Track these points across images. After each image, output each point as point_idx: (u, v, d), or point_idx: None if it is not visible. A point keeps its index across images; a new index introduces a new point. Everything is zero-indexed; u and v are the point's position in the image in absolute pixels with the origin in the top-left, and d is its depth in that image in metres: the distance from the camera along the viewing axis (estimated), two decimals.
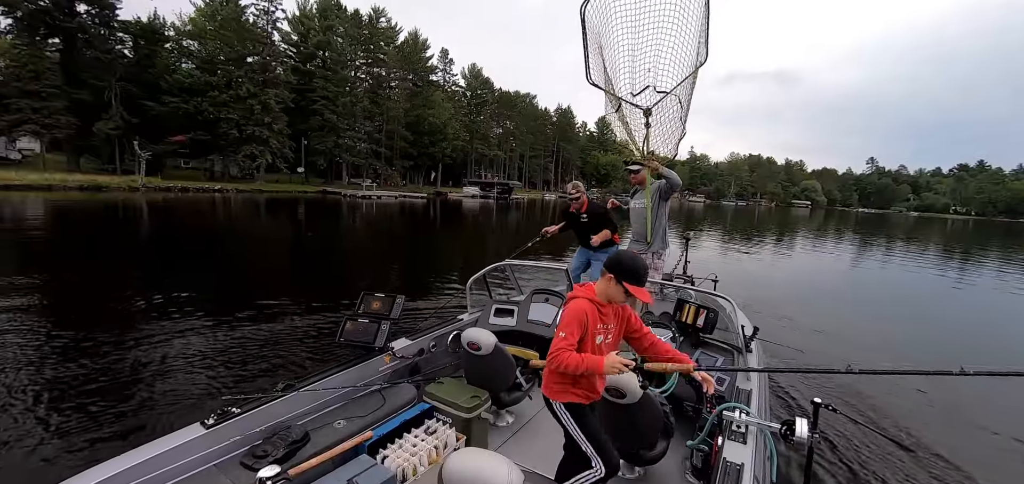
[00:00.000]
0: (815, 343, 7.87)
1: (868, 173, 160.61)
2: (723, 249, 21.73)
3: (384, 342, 3.32)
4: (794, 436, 2.26)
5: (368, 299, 3.42)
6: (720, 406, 2.71)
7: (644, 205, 5.02)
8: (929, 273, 18.40)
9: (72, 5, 37.65)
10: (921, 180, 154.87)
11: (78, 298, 8.10)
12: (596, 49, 4.49)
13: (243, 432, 2.59)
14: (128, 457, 2.16)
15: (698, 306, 3.78)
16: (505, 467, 1.47)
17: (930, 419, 5.39)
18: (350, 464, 2.62)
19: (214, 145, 45.07)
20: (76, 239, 14.71)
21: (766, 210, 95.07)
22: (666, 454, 2.87)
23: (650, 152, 4.64)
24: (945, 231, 51.60)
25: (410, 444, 3.05)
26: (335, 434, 2.78)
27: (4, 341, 5.82)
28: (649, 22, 4.22)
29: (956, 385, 6.26)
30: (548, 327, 4.10)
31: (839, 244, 28.48)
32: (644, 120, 4.59)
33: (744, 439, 2.46)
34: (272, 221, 23.73)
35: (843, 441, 4.58)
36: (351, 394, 3.15)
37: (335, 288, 9.26)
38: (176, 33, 47.05)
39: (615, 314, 2.42)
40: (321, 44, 53.92)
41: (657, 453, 2.81)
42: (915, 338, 9.03)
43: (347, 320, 3.28)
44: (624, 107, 4.67)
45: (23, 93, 34.72)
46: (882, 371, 2.57)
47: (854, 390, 5.97)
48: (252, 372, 5.36)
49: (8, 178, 30.29)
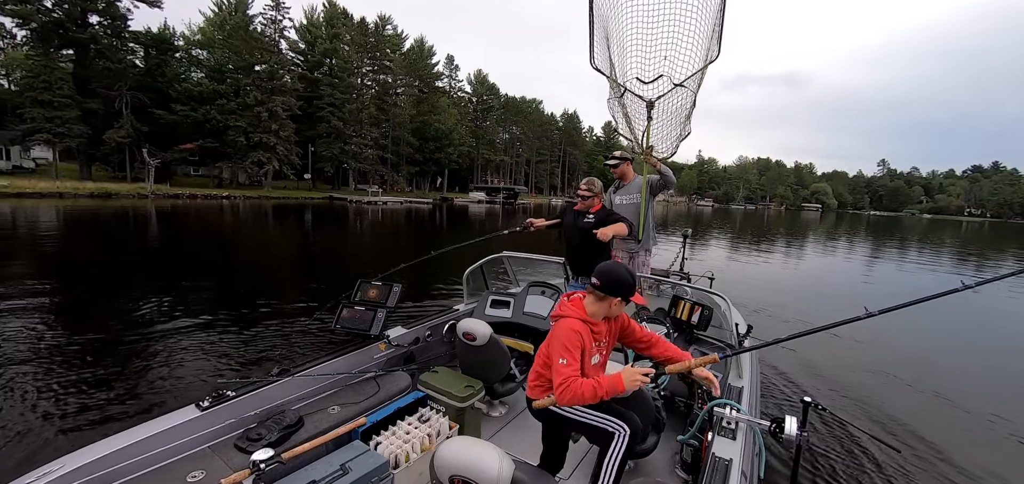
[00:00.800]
0: (807, 342, 7.88)
1: (879, 175, 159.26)
2: (729, 252, 21.60)
3: (380, 330, 3.35)
4: (783, 434, 2.24)
5: (365, 287, 3.45)
6: (711, 402, 2.72)
7: (630, 201, 4.75)
8: (942, 274, 18.19)
9: (85, 17, 38.33)
10: (934, 182, 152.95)
11: (84, 295, 8.23)
12: (602, 33, 4.28)
13: (238, 415, 2.62)
14: (124, 436, 2.20)
15: (693, 303, 3.78)
16: (496, 456, 1.48)
17: (920, 419, 5.39)
18: (343, 449, 2.64)
19: (222, 153, 45.52)
20: (85, 244, 14.92)
21: (775, 213, 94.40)
22: (656, 448, 2.88)
23: (649, 146, 4.41)
24: (960, 233, 50.96)
25: (403, 431, 3.07)
26: (329, 419, 2.80)
27: (14, 332, 5.96)
28: (662, 8, 3.92)
29: (953, 387, 6.29)
30: (544, 320, 4.11)
31: (850, 249, 28.19)
32: (647, 112, 4.38)
33: (734, 435, 2.47)
34: (279, 226, 23.91)
35: (833, 439, 4.61)
36: (346, 380, 3.18)
37: (337, 286, 9.31)
38: (185, 43, 47.77)
39: (608, 330, 2.37)
40: (328, 52, 54.46)
41: (648, 446, 2.81)
42: (915, 338, 8.95)
43: (343, 307, 3.31)
44: (627, 97, 4.47)
45: (36, 103, 35.34)
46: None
47: (846, 390, 6.02)
48: (248, 359, 5.44)
49: (21, 186, 30.85)
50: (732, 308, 4.05)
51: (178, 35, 47.75)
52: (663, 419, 2.88)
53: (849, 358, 7.43)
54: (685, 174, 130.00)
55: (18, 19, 35.80)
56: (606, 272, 2.22)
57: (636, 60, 4.22)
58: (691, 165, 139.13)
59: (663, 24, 3.95)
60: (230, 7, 48.00)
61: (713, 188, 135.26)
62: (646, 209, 4.61)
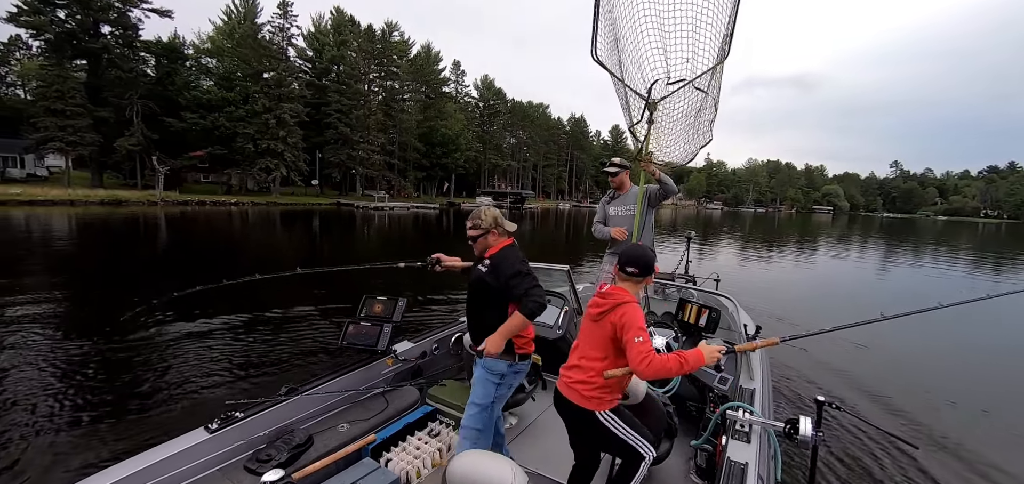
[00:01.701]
0: (817, 341, 7.84)
1: (892, 177, 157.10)
2: (738, 256, 21.44)
3: (386, 345, 3.33)
4: (798, 435, 2.23)
5: (370, 302, 3.43)
6: (724, 405, 2.68)
7: (625, 213, 4.36)
8: (956, 277, 17.93)
9: (97, 27, 38.93)
10: (948, 183, 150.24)
11: (92, 305, 8.29)
12: (608, 23, 3.77)
13: (247, 436, 2.61)
14: (133, 462, 2.18)
15: (700, 306, 3.72)
16: (509, 469, 1.45)
17: (940, 418, 5.35)
18: (354, 467, 2.62)
19: (231, 159, 45.95)
20: (95, 250, 15.07)
21: (786, 216, 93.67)
22: (670, 454, 2.83)
23: (648, 153, 3.90)
24: (977, 235, 50.32)
25: (413, 447, 3.05)
26: (338, 437, 2.78)
27: (16, 344, 6.01)
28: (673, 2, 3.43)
29: (969, 387, 6.19)
30: (551, 329, 4.06)
31: (862, 251, 27.89)
32: (647, 114, 3.86)
33: (748, 438, 2.43)
34: (287, 233, 24.05)
35: (848, 438, 4.55)
36: (354, 397, 3.16)
37: (345, 295, 9.32)
38: (195, 51, 48.33)
39: None
40: (335, 59, 54.87)
41: (661, 453, 2.77)
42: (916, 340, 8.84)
43: (349, 324, 3.29)
44: (630, 97, 4.05)
45: (49, 112, 35.90)
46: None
47: (861, 388, 5.99)
48: (256, 376, 5.42)
49: (34, 194, 31.35)
50: (740, 309, 4.00)
51: (188, 44, 48.38)
52: (675, 424, 2.84)
53: (862, 360, 7.37)
54: (694, 177, 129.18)
55: (32, 30, 36.42)
56: (638, 258, 2.32)
57: (641, 55, 3.72)
58: (700, 168, 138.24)
59: (672, 15, 3.48)
60: (239, 16, 48.57)
61: (722, 191, 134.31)
62: (641, 221, 4.19)
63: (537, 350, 3.94)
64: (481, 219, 2.69)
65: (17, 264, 11.70)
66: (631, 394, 2.53)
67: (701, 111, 3.81)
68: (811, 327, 3.04)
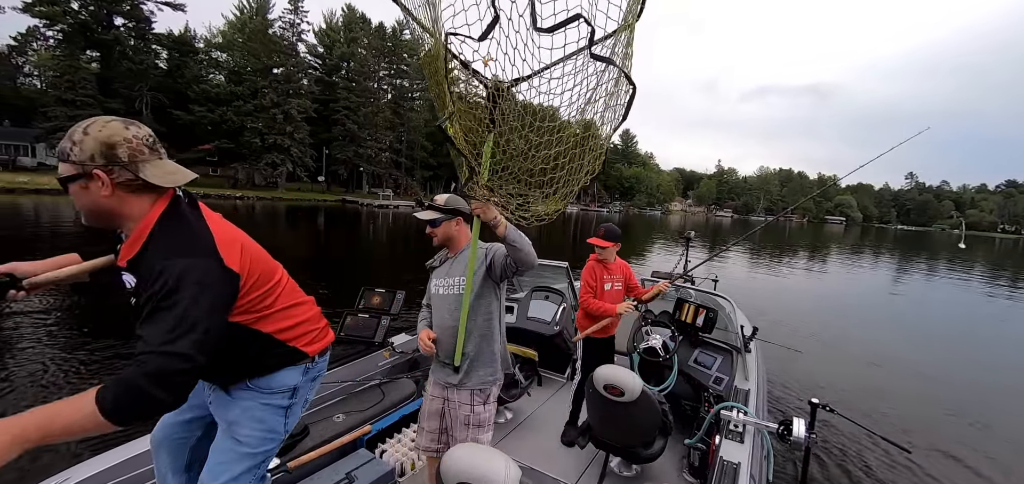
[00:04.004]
0: (813, 346, 8.00)
1: (907, 189, 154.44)
2: (748, 267, 21.35)
3: (383, 337, 3.34)
4: (791, 436, 2.26)
5: (368, 294, 3.44)
6: (718, 405, 2.69)
7: (448, 291, 2.25)
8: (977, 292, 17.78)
9: (110, 19, 39.30)
10: (965, 196, 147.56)
11: (93, 291, 8.35)
12: None
13: None
14: (129, 447, 2.13)
15: (698, 305, 3.71)
16: (503, 463, 1.45)
17: (931, 422, 5.40)
18: (349, 457, 2.64)
19: (238, 154, 46.21)
20: (100, 241, 15.17)
21: (797, 226, 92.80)
22: (664, 452, 2.85)
23: (487, 182, 2.07)
24: (994, 250, 49.76)
25: (409, 439, 3.07)
26: (334, 428, 2.79)
27: (16, 327, 6.07)
28: None
29: (973, 400, 6.19)
30: (547, 324, 4.07)
31: (876, 263, 27.69)
32: (489, 108, 2.14)
33: (741, 438, 2.45)
34: (291, 228, 24.16)
35: (841, 441, 4.58)
36: (350, 388, 3.18)
37: (345, 288, 9.35)
38: (206, 45, 48.69)
39: (618, 266, 3.44)
40: (345, 56, 55.13)
41: (655, 451, 2.79)
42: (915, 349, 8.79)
43: (347, 315, 3.30)
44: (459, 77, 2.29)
45: (60, 102, 36.34)
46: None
47: (854, 390, 5.97)
48: None
49: (41, 182, 31.73)
50: (737, 310, 4.00)
51: (199, 37, 48.76)
52: (669, 423, 2.85)
53: (857, 364, 7.42)
54: (704, 184, 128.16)
55: (45, 19, 36.83)
56: (611, 229, 3.40)
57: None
58: (711, 175, 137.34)
59: None
60: (251, 10, 48.90)
61: (733, 199, 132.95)
62: (469, 311, 2.15)
63: (534, 346, 3.95)
64: None
65: (25, 249, 11.83)
66: (627, 391, 2.58)
67: (592, 101, 2.14)
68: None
